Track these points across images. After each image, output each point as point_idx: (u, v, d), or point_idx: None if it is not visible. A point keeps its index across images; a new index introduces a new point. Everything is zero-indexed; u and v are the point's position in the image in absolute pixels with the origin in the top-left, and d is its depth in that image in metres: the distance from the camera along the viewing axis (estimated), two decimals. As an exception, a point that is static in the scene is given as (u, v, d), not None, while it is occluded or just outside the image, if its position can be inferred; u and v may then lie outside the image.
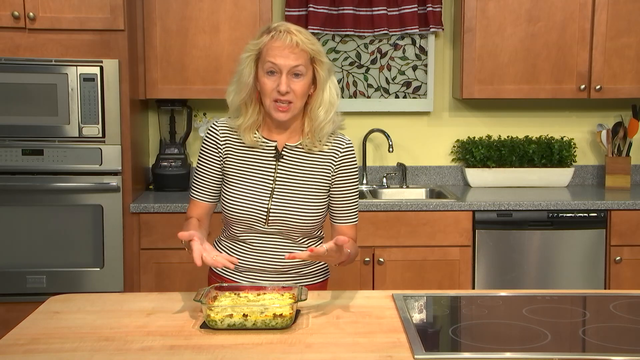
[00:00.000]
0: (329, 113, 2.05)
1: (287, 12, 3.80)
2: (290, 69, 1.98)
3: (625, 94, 3.71)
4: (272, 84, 1.99)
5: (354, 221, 2.18)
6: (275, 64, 1.98)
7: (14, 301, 3.26)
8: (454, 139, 4.05)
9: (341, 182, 2.12)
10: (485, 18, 3.67)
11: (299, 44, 1.98)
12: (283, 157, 2.09)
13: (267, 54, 1.99)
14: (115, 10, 3.27)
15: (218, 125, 2.13)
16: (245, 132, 2.07)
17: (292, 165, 2.09)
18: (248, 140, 2.08)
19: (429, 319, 1.95)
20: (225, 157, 2.11)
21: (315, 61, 2.03)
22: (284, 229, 2.08)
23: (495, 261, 3.46)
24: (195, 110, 3.89)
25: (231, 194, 2.09)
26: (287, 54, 1.98)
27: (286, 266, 2.11)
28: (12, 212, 3.29)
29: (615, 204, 3.45)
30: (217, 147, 2.11)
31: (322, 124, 2.05)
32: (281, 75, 1.98)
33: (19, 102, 3.24)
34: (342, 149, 2.11)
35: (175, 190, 3.69)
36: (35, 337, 1.69)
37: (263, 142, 2.09)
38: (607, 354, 1.60)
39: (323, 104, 2.05)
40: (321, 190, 2.10)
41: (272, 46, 1.99)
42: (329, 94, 2.06)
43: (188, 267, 3.26)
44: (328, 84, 2.06)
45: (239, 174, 2.09)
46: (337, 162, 2.11)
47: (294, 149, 2.10)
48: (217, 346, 1.63)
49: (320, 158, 2.10)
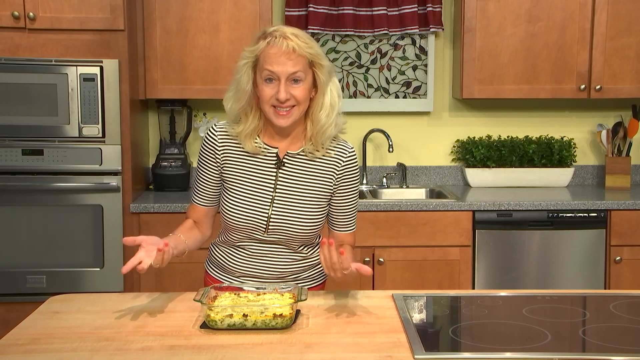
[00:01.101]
0: (330, 116, 2.01)
1: (287, 12, 3.80)
2: (288, 76, 1.93)
3: (625, 94, 3.71)
4: (270, 91, 1.94)
5: (353, 229, 2.16)
6: (272, 71, 1.93)
7: (14, 301, 3.26)
8: (454, 139, 4.05)
9: (343, 190, 2.10)
10: (485, 18, 3.67)
11: (296, 50, 1.92)
12: (284, 165, 2.05)
13: (264, 61, 1.94)
14: (115, 10, 3.27)
15: (217, 130, 2.07)
16: (246, 139, 2.03)
17: (293, 173, 2.05)
18: (249, 147, 2.03)
19: (429, 319, 1.94)
20: (224, 164, 2.06)
21: (315, 65, 1.97)
22: (284, 238, 2.05)
23: (495, 261, 3.46)
24: (195, 110, 3.89)
25: (231, 201, 2.05)
26: (284, 61, 1.92)
27: (283, 273, 2.10)
28: (12, 212, 3.29)
29: (615, 204, 3.45)
30: (214, 153, 2.07)
31: (324, 127, 2.01)
32: (280, 83, 1.93)
33: (19, 102, 3.24)
34: (344, 158, 2.08)
35: (175, 190, 3.69)
36: (35, 337, 1.69)
37: (265, 149, 2.05)
38: (607, 354, 1.60)
39: (324, 108, 2.00)
40: (322, 199, 2.07)
41: (269, 53, 1.93)
42: (330, 96, 2.01)
43: (188, 267, 3.27)
44: (329, 86, 2.01)
45: (239, 181, 2.05)
46: (340, 170, 2.07)
47: (295, 157, 2.06)
48: (217, 346, 1.63)
49: (323, 166, 2.07)
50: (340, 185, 2.08)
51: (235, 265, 2.11)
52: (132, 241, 1.86)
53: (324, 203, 2.08)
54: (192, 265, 3.22)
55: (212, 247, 2.20)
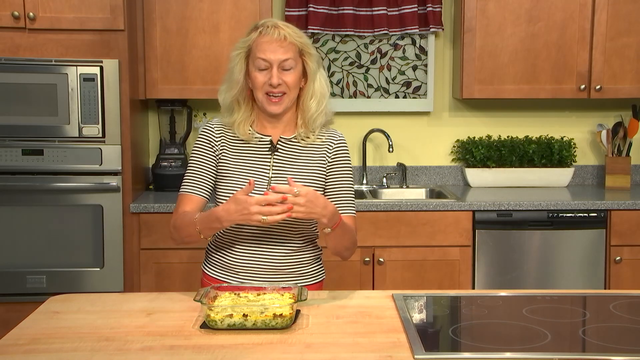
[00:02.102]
0: (320, 104, 2.10)
1: (287, 12, 3.80)
2: (280, 63, 2.03)
3: (625, 94, 3.71)
4: (263, 78, 2.04)
5: (352, 212, 2.17)
6: (265, 59, 2.03)
7: (14, 301, 3.26)
8: (454, 139, 4.05)
9: (336, 171, 2.14)
10: (485, 18, 3.67)
11: (287, 37, 2.03)
12: (278, 149, 2.12)
13: (257, 49, 2.04)
14: (115, 10, 3.27)
15: (213, 124, 2.17)
16: (239, 126, 2.11)
17: (287, 157, 2.11)
18: (243, 133, 2.10)
19: (429, 319, 1.95)
20: (221, 152, 2.12)
21: (304, 54, 2.08)
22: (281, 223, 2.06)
23: (495, 261, 3.46)
24: (195, 110, 3.89)
25: (227, 188, 2.08)
26: (276, 48, 2.02)
27: (281, 265, 2.10)
28: (12, 212, 3.29)
29: (615, 204, 3.45)
30: (212, 142, 2.13)
31: (314, 115, 2.10)
32: (272, 69, 2.02)
33: (19, 102, 3.24)
34: (335, 141, 2.17)
35: (175, 190, 3.62)
36: (35, 337, 1.69)
37: (257, 137, 2.12)
38: (607, 354, 1.60)
39: (315, 95, 2.10)
40: (317, 181, 2.11)
41: (261, 42, 2.03)
42: (320, 84, 2.11)
43: (188, 267, 3.27)
44: (318, 75, 2.11)
45: (235, 168, 2.10)
46: (332, 152, 2.14)
47: (288, 142, 2.13)
48: (217, 346, 1.63)
49: (315, 149, 2.14)
50: (333, 166, 2.14)
51: (233, 261, 2.11)
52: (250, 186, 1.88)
53: (319, 185, 2.12)
54: (192, 265, 3.22)
55: (209, 247, 2.21)
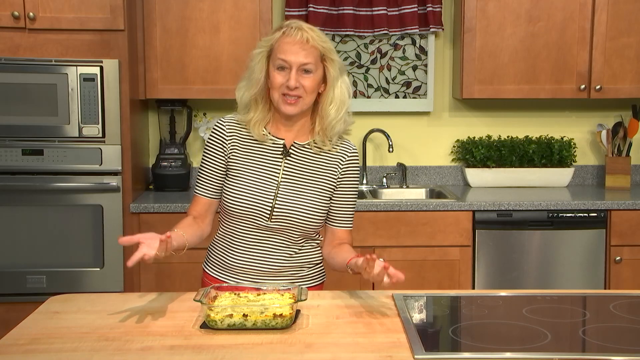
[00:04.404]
0: (339, 111, 2.07)
1: (287, 12, 3.80)
2: (300, 65, 2.00)
3: (625, 94, 3.71)
4: (281, 79, 2.01)
5: (350, 226, 2.19)
6: (285, 60, 2.00)
7: (14, 301, 3.26)
8: (454, 139, 4.05)
9: (345, 185, 2.14)
10: (485, 18, 3.67)
11: (310, 40, 1.99)
12: (290, 154, 2.09)
13: (278, 50, 2.01)
14: (115, 10, 3.27)
15: (225, 121, 2.13)
16: (255, 125, 2.08)
17: (299, 163, 2.09)
18: (257, 134, 2.08)
19: (429, 319, 1.95)
20: (231, 152, 2.10)
21: (326, 59, 2.04)
22: (286, 226, 2.06)
23: (495, 261, 3.46)
24: (195, 110, 3.89)
25: (236, 187, 2.07)
26: (297, 50, 1.99)
27: (281, 268, 2.10)
28: (12, 212, 3.29)
29: (615, 204, 3.45)
30: (223, 141, 2.10)
31: (332, 122, 2.07)
32: (291, 71, 1.99)
33: (19, 102, 3.24)
34: (349, 154, 2.14)
35: (175, 190, 3.69)
36: (35, 337, 1.69)
37: (271, 139, 2.10)
38: (607, 354, 1.60)
39: (334, 102, 2.06)
40: (326, 191, 2.11)
41: (283, 42, 2.01)
42: (340, 91, 2.07)
43: (188, 267, 3.27)
44: (339, 82, 2.07)
45: (245, 168, 2.08)
46: (344, 165, 2.13)
47: (301, 148, 2.10)
48: (217, 346, 1.63)
49: (327, 160, 2.11)
50: (343, 179, 2.13)
51: (234, 261, 2.11)
52: (128, 240, 1.82)
53: (327, 195, 2.11)
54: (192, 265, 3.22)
55: (211, 246, 2.21)
